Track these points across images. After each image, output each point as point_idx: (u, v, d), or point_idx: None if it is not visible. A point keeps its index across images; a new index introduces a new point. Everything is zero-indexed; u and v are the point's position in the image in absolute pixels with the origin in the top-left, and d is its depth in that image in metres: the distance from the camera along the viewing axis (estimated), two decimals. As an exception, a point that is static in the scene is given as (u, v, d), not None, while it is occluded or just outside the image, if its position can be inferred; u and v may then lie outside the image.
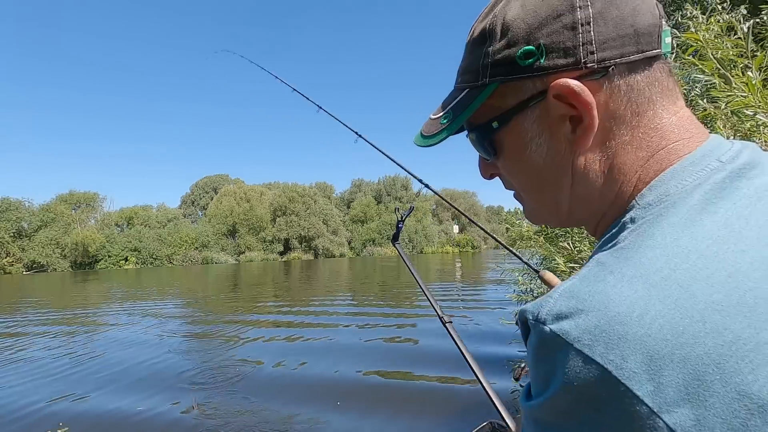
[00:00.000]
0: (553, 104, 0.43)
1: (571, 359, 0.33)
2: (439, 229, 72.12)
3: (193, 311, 11.24)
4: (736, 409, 0.29)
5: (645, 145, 0.44)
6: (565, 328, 0.34)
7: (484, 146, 0.51)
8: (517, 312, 0.93)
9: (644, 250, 0.36)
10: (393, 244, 1.44)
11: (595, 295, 0.35)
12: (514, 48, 0.44)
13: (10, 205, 49.34)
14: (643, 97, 0.43)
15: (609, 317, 0.33)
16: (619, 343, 0.32)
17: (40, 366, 5.99)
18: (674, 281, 0.33)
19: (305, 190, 64.14)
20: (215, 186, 69.59)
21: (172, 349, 6.73)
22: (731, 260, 0.33)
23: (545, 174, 0.47)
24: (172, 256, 52.69)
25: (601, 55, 0.42)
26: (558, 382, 0.34)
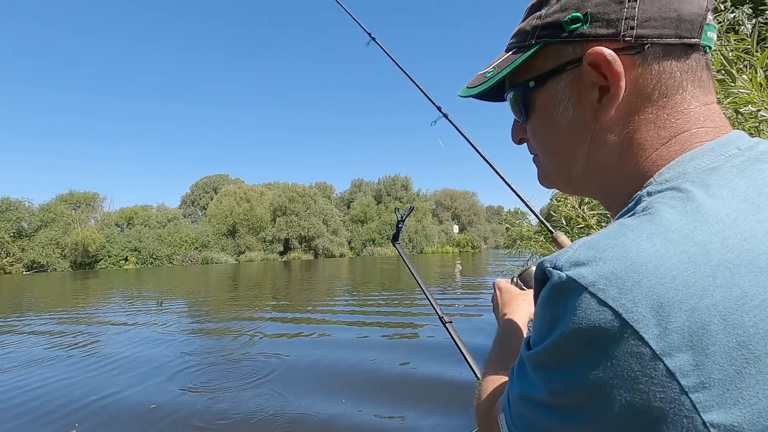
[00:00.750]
0: (587, 71, 0.46)
1: (584, 302, 0.34)
2: (439, 229, 72.06)
3: (195, 310, 11.24)
4: (734, 358, 0.31)
5: (668, 126, 0.45)
6: (581, 273, 0.35)
7: (518, 105, 0.54)
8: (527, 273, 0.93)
9: (665, 214, 0.37)
10: (393, 244, 1.44)
11: (614, 246, 0.36)
12: (565, 13, 0.46)
13: (10, 205, 49.28)
14: (674, 81, 0.45)
15: (625, 266, 0.34)
16: (633, 288, 0.33)
17: (48, 367, 5.99)
18: (691, 240, 0.34)
19: (305, 190, 64.07)
20: (215, 186, 69.55)
21: (177, 347, 6.72)
22: (748, 227, 0.35)
23: (565, 137, 0.50)
24: (172, 256, 52.65)
25: (640, 32, 0.43)
26: (567, 324, 0.35)
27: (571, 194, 0.59)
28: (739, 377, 0.31)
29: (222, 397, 4.49)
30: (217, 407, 4.22)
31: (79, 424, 3.94)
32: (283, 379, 5.05)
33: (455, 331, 1.25)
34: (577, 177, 0.52)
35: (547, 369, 0.38)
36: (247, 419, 3.93)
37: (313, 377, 5.05)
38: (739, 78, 1.75)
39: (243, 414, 4.04)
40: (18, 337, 8.13)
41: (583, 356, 0.35)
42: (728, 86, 1.78)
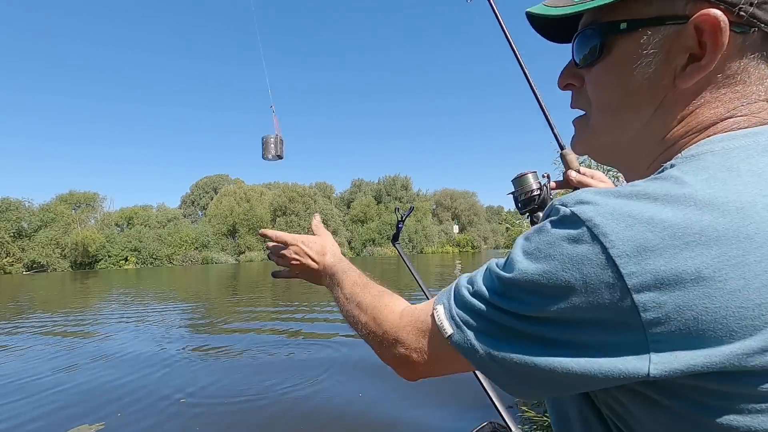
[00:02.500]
0: (689, 33, 0.42)
1: (577, 234, 0.37)
2: (439, 229, 72.06)
3: (196, 310, 11.24)
4: (695, 302, 0.33)
5: (730, 110, 0.44)
6: (584, 209, 0.38)
7: (594, 44, 0.48)
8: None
9: (674, 174, 0.39)
10: (393, 244, 1.44)
11: (621, 195, 0.38)
12: None
13: (10, 205, 49.27)
14: (758, 71, 0.43)
15: (625, 211, 0.36)
16: (623, 230, 0.35)
17: (71, 364, 5.99)
18: (692, 200, 0.36)
19: (305, 190, 64.08)
20: (215, 186, 69.55)
21: (181, 347, 6.73)
22: (750, 198, 0.36)
23: (634, 95, 0.47)
24: (172, 256, 52.64)
25: (755, 12, 0.41)
26: (558, 253, 0.38)
27: (602, 161, 0.56)
28: (695, 324, 0.33)
29: (247, 392, 4.49)
30: (248, 402, 4.24)
31: (121, 413, 4.05)
32: (304, 373, 5.05)
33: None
34: (626, 142, 0.50)
35: (533, 292, 0.39)
36: (251, 414, 3.92)
37: (305, 381, 5.05)
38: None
39: (244, 413, 4.04)
40: (25, 337, 8.13)
41: (562, 283, 0.37)
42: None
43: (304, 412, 4.08)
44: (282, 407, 4.19)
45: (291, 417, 3.97)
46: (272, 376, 5.18)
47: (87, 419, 4.01)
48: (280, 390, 4.67)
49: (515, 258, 0.41)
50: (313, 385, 4.79)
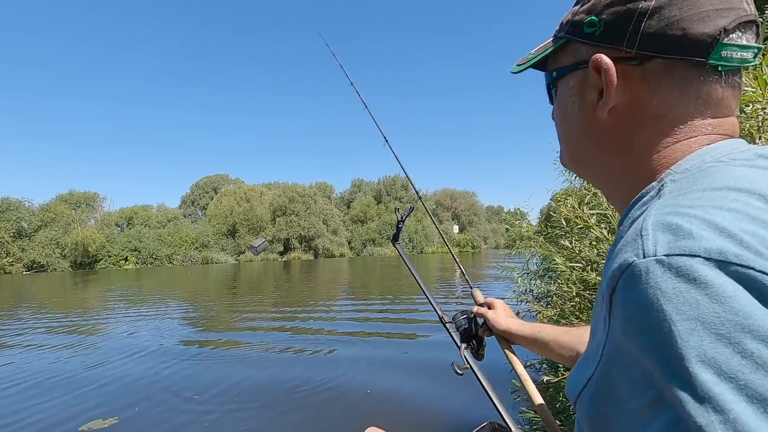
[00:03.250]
0: (591, 74, 0.50)
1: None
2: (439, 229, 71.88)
3: (199, 310, 11.24)
4: None
5: (671, 133, 0.48)
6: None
7: (548, 88, 0.59)
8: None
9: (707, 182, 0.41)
10: (393, 244, 1.44)
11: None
12: (587, 15, 0.50)
13: (10, 205, 49.26)
14: (675, 95, 0.47)
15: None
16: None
17: (63, 368, 5.99)
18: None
19: (305, 190, 64.06)
20: (215, 186, 69.53)
21: (188, 345, 6.73)
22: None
23: (572, 128, 0.55)
24: (172, 256, 52.63)
25: (643, 46, 0.46)
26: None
27: (580, 176, 0.63)
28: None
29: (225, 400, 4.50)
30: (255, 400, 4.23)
31: (138, 408, 3.96)
32: (278, 381, 5.06)
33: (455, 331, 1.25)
34: (581, 163, 0.58)
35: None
36: (251, 419, 3.93)
37: (306, 381, 5.06)
38: (744, 75, 1.74)
39: (245, 418, 4.05)
40: (33, 335, 8.14)
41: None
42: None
43: (307, 411, 4.08)
44: (286, 404, 4.21)
45: (292, 417, 3.97)
46: (279, 373, 5.21)
47: (101, 414, 4.10)
48: (287, 386, 4.69)
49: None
50: (317, 383, 4.80)
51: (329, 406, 4.17)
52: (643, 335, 0.35)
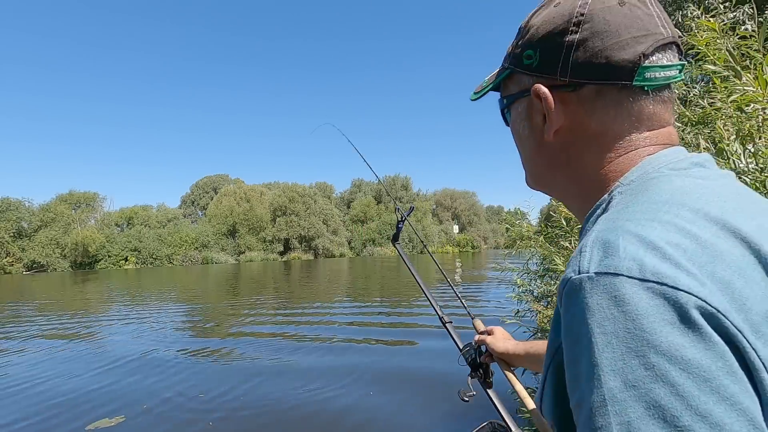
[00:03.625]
0: (534, 101, 0.55)
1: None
2: (439, 229, 72.04)
3: (199, 311, 11.24)
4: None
5: (612, 149, 0.53)
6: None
7: (502, 113, 0.65)
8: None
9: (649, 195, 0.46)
10: (393, 245, 1.44)
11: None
12: (524, 48, 0.56)
13: (10, 205, 49.24)
14: (609, 115, 0.53)
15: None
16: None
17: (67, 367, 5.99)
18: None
19: (305, 190, 64.04)
20: (215, 186, 69.50)
21: (191, 347, 6.73)
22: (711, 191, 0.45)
23: (527, 149, 0.61)
24: (172, 256, 52.62)
25: (574, 74, 0.52)
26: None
27: (547, 194, 0.67)
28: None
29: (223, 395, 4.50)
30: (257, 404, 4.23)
31: (146, 405, 3.95)
32: (280, 382, 5.05)
33: (455, 331, 1.26)
34: (541, 183, 0.63)
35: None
36: (254, 414, 3.93)
37: (307, 382, 5.06)
38: (745, 75, 1.74)
39: (249, 412, 4.04)
40: (35, 337, 8.14)
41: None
42: (733, 84, 1.78)
43: (308, 413, 4.08)
44: (287, 411, 4.20)
45: (292, 420, 3.97)
46: (282, 378, 5.20)
47: (107, 413, 4.16)
48: (292, 386, 4.68)
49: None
50: (322, 388, 4.79)
51: (332, 408, 4.17)
52: (573, 345, 0.40)
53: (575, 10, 0.52)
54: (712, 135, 1.94)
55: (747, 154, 1.65)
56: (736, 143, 1.68)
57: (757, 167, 1.61)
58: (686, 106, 2.35)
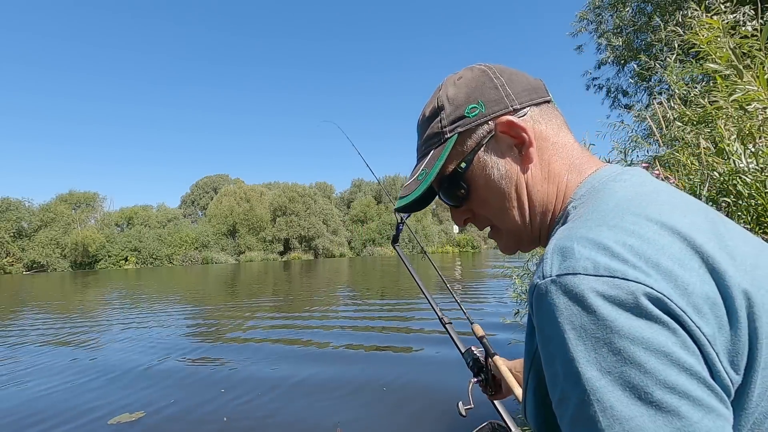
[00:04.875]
0: (501, 137, 0.61)
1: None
2: (439, 229, 72.02)
3: (201, 312, 11.23)
4: None
5: (564, 156, 0.62)
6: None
7: (457, 188, 0.64)
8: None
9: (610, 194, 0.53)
10: (393, 246, 1.44)
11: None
12: (461, 108, 0.62)
13: (10, 205, 49.26)
14: (554, 127, 0.62)
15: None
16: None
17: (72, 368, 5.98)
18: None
19: (305, 190, 64.03)
20: (215, 186, 69.49)
21: (194, 350, 6.72)
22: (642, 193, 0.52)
23: (507, 192, 0.62)
24: (172, 256, 52.60)
25: (520, 100, 0.61)
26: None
27: (532, 245, 0.67)
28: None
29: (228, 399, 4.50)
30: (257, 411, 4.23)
31: (174, 399, 3.94)
32: (282, 383, 5.05)
33: (455, 332, 1.25)
34: (529, 221, 0.63)
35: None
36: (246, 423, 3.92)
37: (307, 381, 5.05)
38: (746, 74, 1.73)
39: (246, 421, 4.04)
40: (44, 336, 8.13)
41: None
42: (734, 83, 1.77)
43: (306, 418, 4.07)
44: (316, 396, 4.20)
45: (297, 421, 3.97)
46: (289, 383, 5.18)
47: (127, 408, 4.26)
48: (313, 380, 4.67)
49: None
50: (326, 391, 4.78)
51: (333, 409, 4.16)
52: (547, 345, 0.43)
53: (485, 66, 0.64)
54: (713, 134, 1.93)
55: (747, 154, 1.64)
56: (736, 143, 1.67)
57: (757, 167, 1.60)
58: (687, 106, 2.34)
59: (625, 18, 8.98)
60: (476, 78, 0.63)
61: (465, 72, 0.65)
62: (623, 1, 9.04)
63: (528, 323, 0.51)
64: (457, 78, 0.65)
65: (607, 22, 9.84)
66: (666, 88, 4.23)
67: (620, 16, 9.10)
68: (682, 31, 2.52)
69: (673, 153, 2.13)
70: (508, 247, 0.68)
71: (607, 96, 11.03)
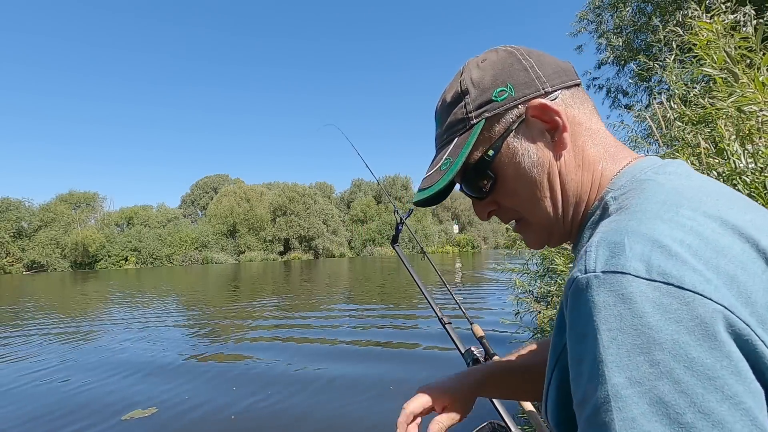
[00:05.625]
0: (533, 122, 0.56)
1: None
2: (439, 229, 72.01)
3: (203, 312, 11.24)
4: None
5: (599, 142, 0.58)
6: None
7: (483, 177, 0.60)
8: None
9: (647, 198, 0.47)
10: (393, 246, 1.44)
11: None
12: (488, 92, 0.58)
13: (10, 205, 49.26)
14: (586, 110, 0.59)
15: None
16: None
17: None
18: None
19: (305, 190, 64.02)
20: (215, 186, 69.48)
21: (197, 351, 6.73)
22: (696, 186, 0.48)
23: (539, 181, 0.57)
24: (172, 256, 52.60)
25: (551, 82, 0.57)
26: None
27: (563, 239, 0.62)
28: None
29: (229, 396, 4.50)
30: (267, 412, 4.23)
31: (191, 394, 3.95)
32: (285, 382, 5.05)
33: (454, 332, 1.25)
34: (561, 213, 0.59)
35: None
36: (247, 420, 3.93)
37: (307, 380, 5.06)
38: (742, 76, 1.74)
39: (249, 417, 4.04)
40: (56, 335, 8.13)
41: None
42: (731, 85, 1.77)
43: (302, 416, 4.07)
44: (297, 416, 4.20)
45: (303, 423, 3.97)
46: (294, 383, 5.19)
47: (140, 404, 4.33)
48: (300, 398, 4.68)
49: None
50: (334, 389, 4.79)
51: (334, 409, 4.17)
52: (578, 343, 0.40)
53: (511, 48, 0.60)
54: (713, 135, 1.93)
55: (747, 154, 1.64)
56: (735, 143, 1.68)
57: (757, 167, 1.60)
58: (687, 106, 2.34)
59: (625, 18, 8.99)
60: (502, 60, 0.59)
61: (489, 54, 0.61)
62: (623, 1, 9.05)
63: (558, 318, 0.49)
64: (481, 60, 0.61)
65: (607, 22, 9.86)
66: (666, 88, 4.24)
67: (620, 16, 9.12)
68: (682, 31, 2.52)
69: (673, 153, 2.13)
70: (537, 241, 0.64)
71: (607, 96, 11.09)
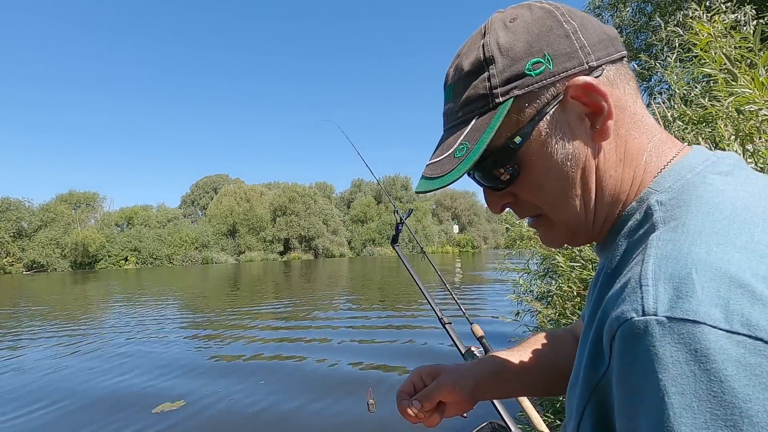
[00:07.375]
0: (572, 104, 0.46)
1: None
2: (439, 229, 72.01)
3: (205, 313, 11.25)
4: None
5: (644, 131, 0.48)
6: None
7: (505, 167, 0.49)
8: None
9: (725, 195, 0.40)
10: (393, 246, 1.44)
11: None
12: (521, 63, 0.46)
13: (10, 205, 49.24)
14: (632, 90, 0.48)
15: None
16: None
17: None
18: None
19: (305, 189, 64.02)
20: (215, 186, 69.47)
21: (202, 351, 6.73)
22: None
23: (572, 176, 0.48)
24: (172, 256, 52.58)
25: (597, 55, 0.46)
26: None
27: (587, 240, 0.53)
28: None
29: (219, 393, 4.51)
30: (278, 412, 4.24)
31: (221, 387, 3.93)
32: (287, 381, 5.05)
33: (454, 332, 1.25)
34: (592, 214, 0.50)
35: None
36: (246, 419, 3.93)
37: (308, 380, 5.07)
38: (741, 77, 1.74)
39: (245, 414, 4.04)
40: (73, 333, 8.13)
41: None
42: (730, 85, 1.77)
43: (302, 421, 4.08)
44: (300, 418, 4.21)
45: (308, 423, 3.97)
46: (297, 383, 5.20)
47: (168, 398, 4.51)
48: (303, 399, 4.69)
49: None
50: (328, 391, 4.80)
51: (332, 410, 4.17)
52: (632, 397, 0.34)
53: (550, 5, 0.49)
54: (713, 134, 1.94)
55: (746, 154, 1.64)
56: (735, 143, 1.68)
57: (757, 167, 1.60)
58: (687, 106, 2.35)
59: (625, 18, 9.00)
60: (539, 21, 0.47)
61: (521, 11, 0.49)
62: (623, 1, 9.07)
63: (592, 350, 0.41)
64: (510, 19, 0.48)
65: (607, 22, 9.87)
66: (666, 88, 4.24)
67: (620, 16, 9.12)
68: (682, 31, 2.52)
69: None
70: (557, 241, 0.54)
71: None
